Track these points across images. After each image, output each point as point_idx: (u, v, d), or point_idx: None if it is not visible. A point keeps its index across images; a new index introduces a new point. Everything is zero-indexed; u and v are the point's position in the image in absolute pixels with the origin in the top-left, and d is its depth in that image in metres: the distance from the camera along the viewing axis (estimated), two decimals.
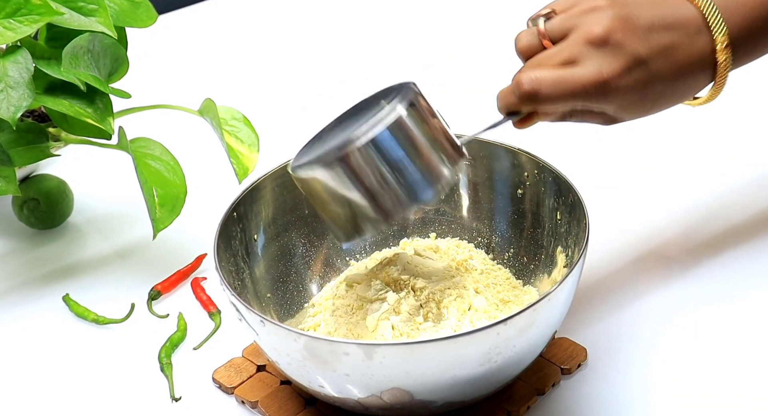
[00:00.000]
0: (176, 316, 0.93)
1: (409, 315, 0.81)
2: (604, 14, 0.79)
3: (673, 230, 0.99)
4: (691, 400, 0.82)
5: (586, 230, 0.80)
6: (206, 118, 0.97)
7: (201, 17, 1.47)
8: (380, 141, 0.74)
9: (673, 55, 0.80)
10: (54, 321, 0.95)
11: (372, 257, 0.91)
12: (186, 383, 0.87)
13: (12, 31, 0.89)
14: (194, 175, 1.00)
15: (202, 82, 1.30)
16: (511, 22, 1.38)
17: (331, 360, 0.73)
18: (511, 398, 0.81)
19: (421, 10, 1.44)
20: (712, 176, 1.06)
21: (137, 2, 0.99)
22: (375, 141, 0.74)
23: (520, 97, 0.79)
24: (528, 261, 0.90)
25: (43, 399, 0.87)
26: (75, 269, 1.01)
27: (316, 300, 0.89)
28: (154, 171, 0.95)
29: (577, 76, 0.78)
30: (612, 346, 0.87)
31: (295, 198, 0.90)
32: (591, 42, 0.78)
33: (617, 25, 0.78)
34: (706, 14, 0.80)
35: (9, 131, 0.94)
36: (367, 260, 0.91)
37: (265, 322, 0.75)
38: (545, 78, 0.78)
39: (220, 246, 0.82)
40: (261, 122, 1.02)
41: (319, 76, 1.30)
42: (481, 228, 0.92)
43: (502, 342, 0.73)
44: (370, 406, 0.77)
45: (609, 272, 0.94)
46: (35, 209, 1.03)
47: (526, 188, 0.89)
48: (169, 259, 1.00)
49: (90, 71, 0.91)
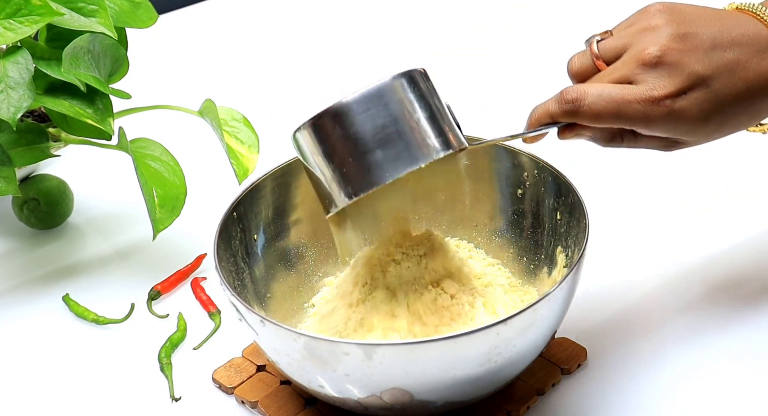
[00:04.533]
0: (176, 316, 0.93)
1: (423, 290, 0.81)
2: (660, 33, 0.75)
3: (673, 230, 0.99)
4: (691, 400, 0.82)
5: (586, 230, 0.80)
6: (206, 118, 0.97)
7: (201, 17, 1.47)
8: (352, 106, 0.74)
9: (739, 73, 0.75)
10: (54, 321, 0.95)
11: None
12: (186, 383, 0.87)
13: (12, 31, 0.89)
14: (194, 175, 1.00)
15: (202, 83, 1.30)
16: (512, 22, 1.39)
17: (331, 360, 0.73)
18: (511, 398, 0.81)
19: (421, 10, 1.44)
20: (714, 175, 1.06)
21: (137, 2, 0.99)
22: (348, 105, 0.74)
23: (560, 105, 0.76)
24: (528, 261, 0.90)
25: (43, 399, 0.87)
26: (75, 269, 1.01)
27: (316, 300, 0.89)
28: (154, 171, 0.95)
29: (624, 93, 0.74)
30: (612, 346, 0.87)
31: (295, 198, 0.90)
32: (645, 63, 0.74)
33: (673, 44, 0.74)
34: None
35: (9, 132, 0.94)
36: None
37: (265, 322, 0.75)
38: (590, 90, 0.75)
39: (220, 246, 0.82)
40: (261, 122, 1.02)
41: (319, 76, 1.30)
42: (481, 228, 0.92)
43: (502, 342, 0.73)
44: (370, 406, 0.77)
45: (609, 272, 0.94)
46: (35, 209, 1.03)
47: (526, 188, 0.89)
48: (169, 259, 1.00)
49: (90, 72, 0.91)
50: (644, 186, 1.05)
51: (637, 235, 0.98)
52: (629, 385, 0.84)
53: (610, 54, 0.77)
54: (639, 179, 1.06)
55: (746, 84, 0.75)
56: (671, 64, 0.74)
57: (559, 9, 1.40)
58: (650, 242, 0.98)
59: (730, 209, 1.01)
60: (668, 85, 0.74)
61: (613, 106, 0.74)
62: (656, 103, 0.74)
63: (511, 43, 1.34)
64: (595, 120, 0.75)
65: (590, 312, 0.90)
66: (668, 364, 0.85)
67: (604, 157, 1.09)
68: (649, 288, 0.93)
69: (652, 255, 0.96)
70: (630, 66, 0.75)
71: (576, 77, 0.79)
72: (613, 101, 0.74)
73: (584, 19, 1.35)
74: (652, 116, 0.74)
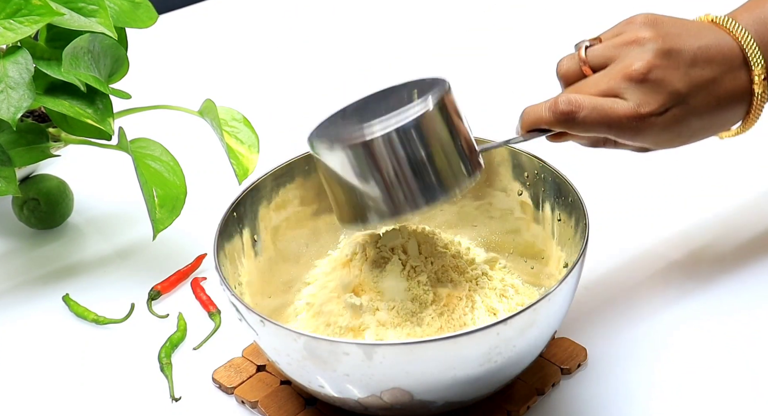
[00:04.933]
0: (176, 316, 0.93)
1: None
2: (646, 49, 0.79)
3: (673, 230, 0.99)
4: (691, 400, 0.82)
5: (586, 230, 0.80)
6: (206, 118, 0.97)
7: (201, 17, 1.47)
8: (406, 133, 0.73)
9: (713, 90, 0.80)
10: (54, 321, 0.95)
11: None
12: (186, 383, 0.87)
13: (12, 31, 0.89)
14: (194, 175, 1.00)
15: (202, 83, 1.30)
16: (512, 22, 1.39)
17: (331, 360, 0.73)
18: (511, 398, 0.81)
19: (421, 10, 1.44)
20: (714, 176, 1.06)
21: (137, 3, 0.99)
22: (401, 132, 0.73)
23: (555, 116, 0.79)
24: (528, 261, 0.90)
25: (43, 399, 0.87)
26: (75, 269, 1.01)
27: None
28: (154, 171, 0.95)
29: (615, 108, 0.78)
30: (612, 346, 0.87)
31: (295, 198, 0.90)
32: (630, 78, 0.78)
33: (658, 61, 0.79)
34: (745, 46, 0.81)
35: (9, 132, 0.94)
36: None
37: (265, 322, 0.75)
38: (584, 103, 0.78)
39: (220, 246, 0.82)
40: (261, 122, 1.02)
41: (320, 76, 1.30)
42: (481, 228, 0.92)
43: (502, 342, 0.73)
44: (370, 406, 0.77)
45: (609, 272, 0.94)
46: (35, 209, 1.03)
47: (526, 188, 0.89)
48: (169, 259, 1.00)
49: (90, 72, 0.91)
50: (644, 186, 1.05)
51: (637, 235, 0.98)
52: (629, 385, 0.84)
53: (596, 61, 0.81)
54: (639, 179, 1.06)
55: (718, 100, 0.81)
56: (655, 81, 0.79)
57: (559, 9, 1.40)
58: (650, 242, 0.98)
59: (731, 210, 1.01)
60: (653, 102, 0.79)
61: (605, 120, 0.78)
62: (642, 119, 0.79)
63: (511, 43, 1.34)
64: (586, 131, 0.79)
65: (590, 312, 0.90)
66: (668, 364, 0.85)
67: (604, 157, 1.09)
68: (649, 288, 0.93)
69: (652, 255, 0.96)
70: (617, 80, 0.79)
71: (563, 78, 0.83)
72: (605, 115, 0.78)
73: (584, 20, 1.35)
74: (639, 130, 0.79)
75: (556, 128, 0.80)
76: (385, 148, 0.74)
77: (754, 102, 0.82)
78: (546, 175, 0.87)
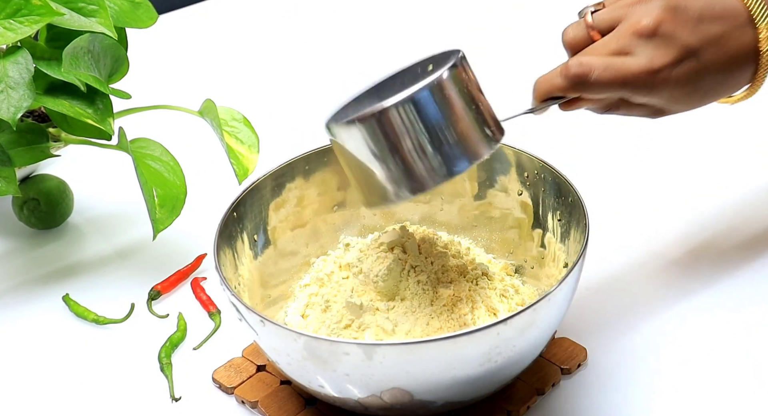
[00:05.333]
0: (176, 316, 0.93)
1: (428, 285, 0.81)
2: (653, 5, 0.79)
3: (673, 231, 0.99)
4: (691, 400, 0.82)
5: (586, 230, 0.80)
6: (206, 118, 0.97)
7: (201, 17, 1.47)
8: (420, 100, 0.72)
9: (722, 46, 0.79)
10: (54, 321, 0.95)
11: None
12: (186, 383, 0.87)
13: (12, 31, 0.89)
14: (194, 175, 1.00)
15: (202, 83, 1.30)
16: (512, 22, 1.39)
17: (331, 360, 0.73)
18: (511, 398, 0.81)
19: (421, 10, 1.44)
20: (714, 176, 1.06)
21: (137, 3, 0.99)
22: (414, 99, 0.72)
23: (568, 80, 0.78)
24: (528, 261, 0.90)
25: (43, 399, 0.87)
26: (75, 269, 1.01)
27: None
28: (154, 171, 0.95)
29: (627, 64, 0.78)
30: (612, 346, 0.87)
31: (294, 198, 0.90)
32: (640, 33, 0.78)
33: (666, 16, 0.78)
34: (748, 4, 0.80)
35: (9, 132, 0.94)
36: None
37: (265, 322, 0.75)
38: (595, 63, 0.78)
39: (220, 246, 0.82)
40: (261, 122, 1.02)
41: (319, 76, 1.30)
42: (481, 228, 0.92)
43: (502, 342, 0.73)
44: (370, 406, 0.77)
45: (609, 272, 0.94)
46: (35, 209, 1.03)
47: (526, 188, 0.89)
48: (169, 259, 1.00)
49: (90, 72, 0.91)
50: (644, 186, 1.05)
51: (637, 235, 0.98)
52: (629, 385, 0.84)
53: (604, 25, 0.80)
54: (639, 179, 1.06)
55: (729, 56, 0.80)
56: (665, 35, 0.78)
57: (558, 9, 1.40)
58: (650, 242, 0.98)
59: (730, 209, 1.01)
60: (665, 55, 0.78)
61: (619, 78, 0.77)
62: (656, 73, 0.78)
63: (511, 43, 1.34)
64: (602, 91, 0.78)
65: (590, 312, 0.90)
66: (668, 364, 0.85)
67: (604, 157, 1.09)
68: (649, 288, 0.93)
69: (652, 255, 0.96)
70: (626, 38, 0.78)
71: (570, 47, 0.82)
72: (618, 73, 0.77)
73: None
74: (653, 85, 0.78)
75: (570, 93, 0.79)
76: (402, 116, 0.72)
77: (761, 60, 0.81)
78: (546, 175, 0.87)
